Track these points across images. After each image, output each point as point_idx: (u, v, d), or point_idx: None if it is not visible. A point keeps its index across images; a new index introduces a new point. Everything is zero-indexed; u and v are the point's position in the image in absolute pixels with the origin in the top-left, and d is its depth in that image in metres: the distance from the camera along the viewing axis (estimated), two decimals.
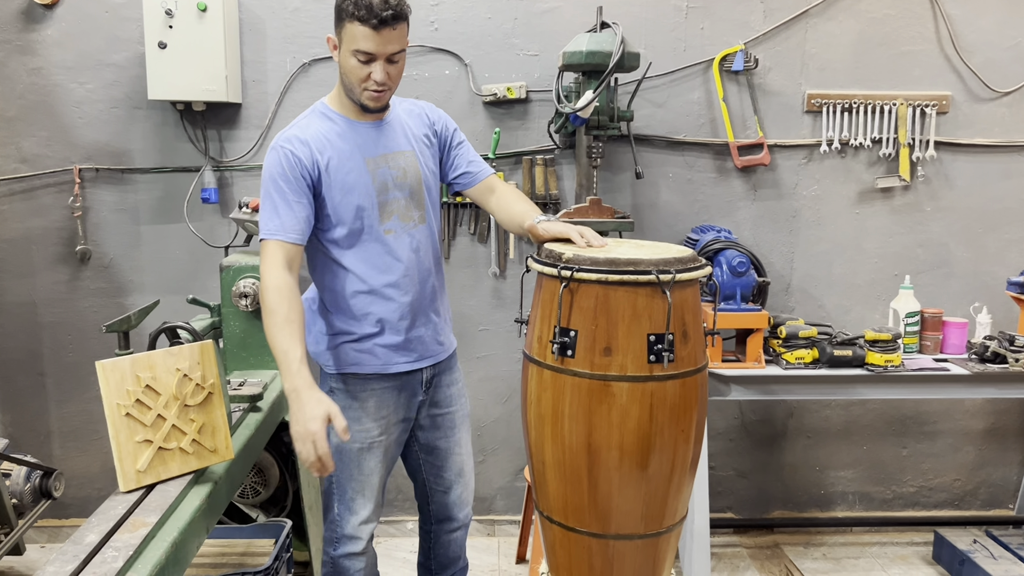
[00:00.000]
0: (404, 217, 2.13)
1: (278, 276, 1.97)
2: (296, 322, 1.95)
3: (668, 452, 1.84)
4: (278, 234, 2.00)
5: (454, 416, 2.32)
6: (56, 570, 1.53)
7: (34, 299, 3.21)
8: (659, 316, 1.79)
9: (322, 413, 1.87)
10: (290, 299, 1.96)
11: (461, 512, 2.42)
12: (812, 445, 3.43)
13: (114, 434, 1.86)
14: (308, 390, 1.89)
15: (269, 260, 1.99)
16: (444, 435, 2.32)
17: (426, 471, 2.37)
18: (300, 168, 2.02)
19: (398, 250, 2.13)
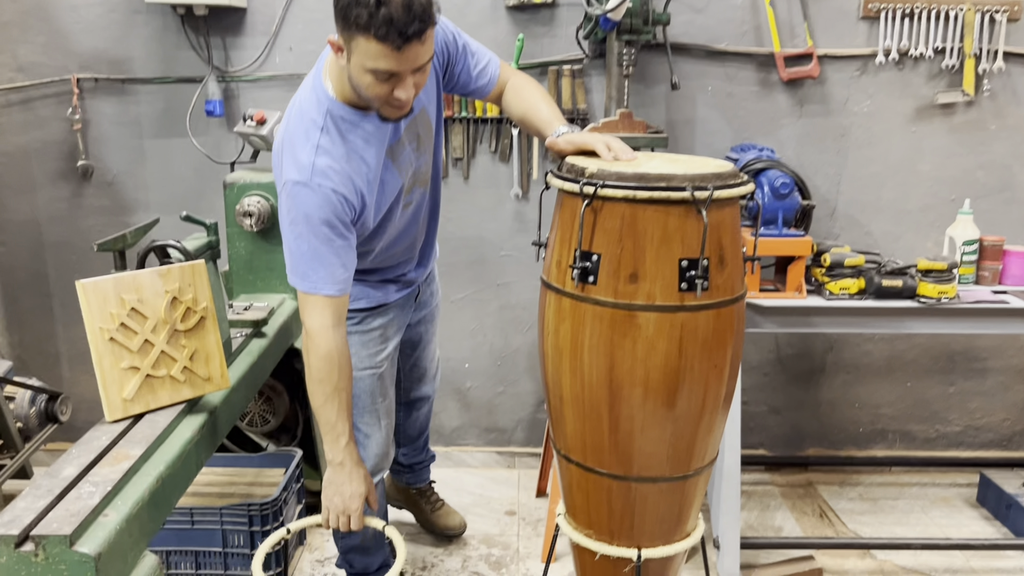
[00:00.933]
0: (421, 182, 2.01)
1: (329, 340, 1.79)
2: (346, 391, 1.84)
3: (698, 390, 1.67)
4: (326, 288, 1.78)
5: (433, 312, 2.43)
6: (27, 505, 1.41)
7: (36, 217, 3.08)
8: (693, 239, 1.59)
9: (365, 492, 1.86)
10: (340, 367, 1.81)
11: (432, 389, 2.60)
12: (851, 381, 3.24)
13: (97, 360, 1.72)
14: (356, 466, 1.86)
15: (316, 318, 1.79)
16: (425, 328, 2.41)
17: (403, 361, 2.40)
18: (346, 210, 1.77)
19: (414, 218, 2.05)
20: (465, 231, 3.08)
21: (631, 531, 1.78)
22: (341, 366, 1.81)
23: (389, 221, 1.95)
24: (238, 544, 2.46)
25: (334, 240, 1.77)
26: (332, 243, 1.76)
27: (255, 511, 2.42)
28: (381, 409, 2.17)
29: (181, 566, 2.49)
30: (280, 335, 2.48)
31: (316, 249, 1.76)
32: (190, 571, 2.49)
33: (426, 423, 2.65)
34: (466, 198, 3.05)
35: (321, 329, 1.79)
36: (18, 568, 1.34)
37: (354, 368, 2.06)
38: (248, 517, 2.42)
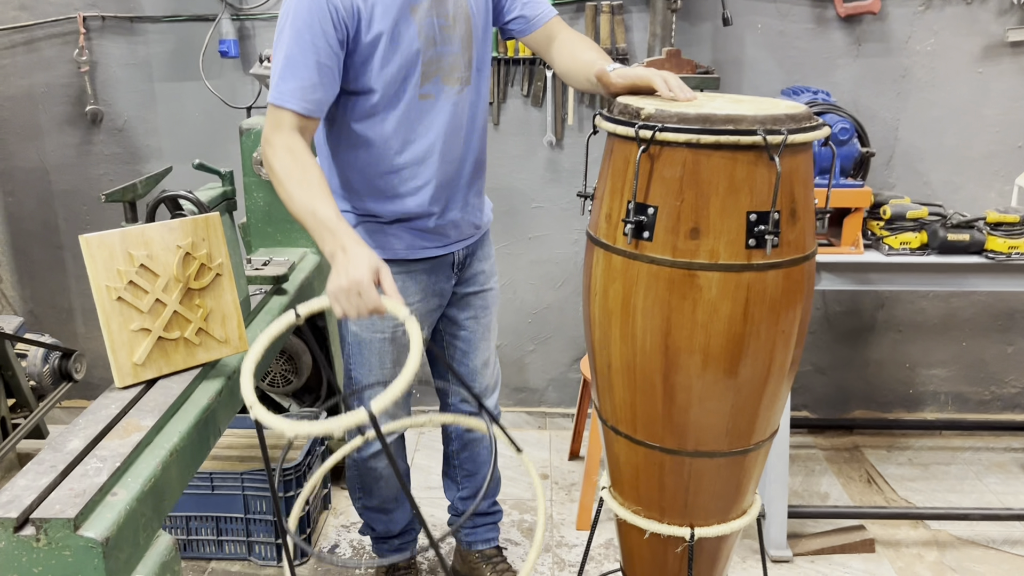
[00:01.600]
0: (447, 78, 1.76)
1: (287, 137, 1.62)
2: (316, 181, 1.59)
3: (763, 358, 1.50)
4: (293, 102, 1.61)
5: (486, 296, 2.06)
6: (28, 484, 1.29)
7: (44, 164, 2.93)
8: (763, 189, 1.41)
9: (371, 263, 1.50)
10: (303, 161, 1.62)
11: (486, 404, 2.15)
12: (903, 340, 3.06)
13: (105, 321, 1.59)
14: (356, 245, 1.53)
15: (278, 128, 1.63)
16: (474, 315, 2.06)
17: (449, 353, 2.09)
18: (335, 18, 1.61)
19: (435, 120, 1.78)
20: (495, 181, 2.89)
21: (684, 508, 1.64)
22: (304, 162, 1.60)
23: (399, 96, 1.72)
24: (260, 510, 2.35)
25: (316, 51, 1.59)
26: (313, 53, 1.59)
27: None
28: (388, 374, 1.97)
29: (202, 532, 2.39)
30: (302, 291, 2.34)
31: (292, 57, 1.60)
32: (211, 537, 2.39)
33: (489, 457, 2.18)
34: (496, 145, 2.86)
35: (280, 133, 1.62)
36: (18, 554, 1.21)
37: (363, 328, 1.93)
38: None
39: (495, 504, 2.31)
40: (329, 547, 2.49)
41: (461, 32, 1.76)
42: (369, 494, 2.13)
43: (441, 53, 1.74)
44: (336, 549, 2.49)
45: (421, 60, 1.71)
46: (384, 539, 2.21)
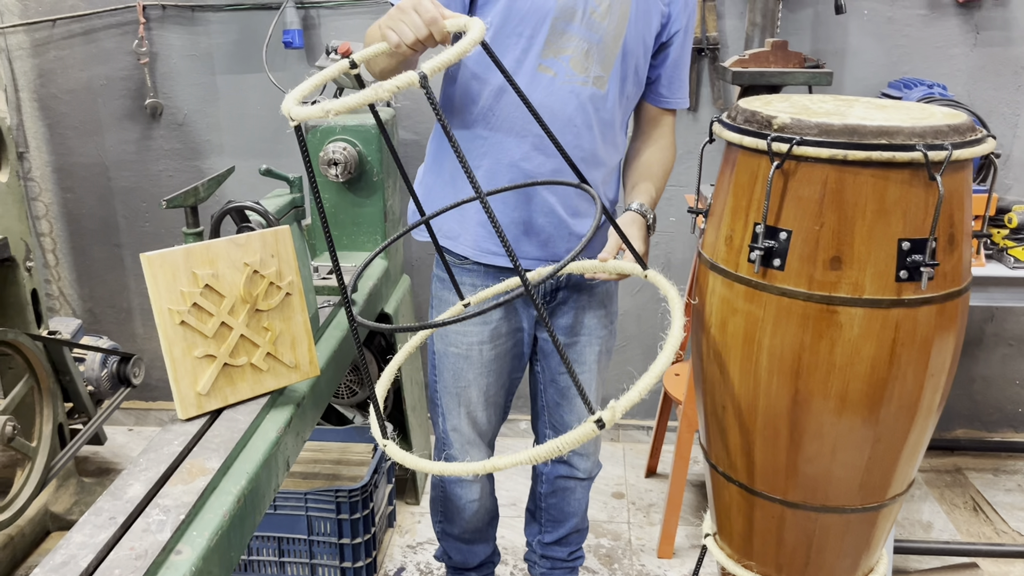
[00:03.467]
0: (576, 65, 1.56)
1: None
2: None
3: (908, 404, 1.31)
4: None
5: (585, 350, 1.82)
6: (84, 540, 1.15)
7: (104, 160, 2.83)
8: (918, 213, 1.21)
9: None
10: None
11: (582, 463, 1.97)
12: (1013, 355, 2.81)
13: (167, 348, 1.44)
14: None
15: None
16: (575, 340, 1.83)
17: (545, 399, 1.92)
18: None
19: (547, 96, 1.57)
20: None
21: (805, 567, 1.45)
22: None
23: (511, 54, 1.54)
24: (324, 532, 2.22)
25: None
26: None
27: (343, 497, 2.17)
28: (464, 395, 1.82)
29: (263, 552, 2.27)
30: (370, 300, 2.19)
31: None
32: (273, 558, 2.27)
33: (578, 510, 2.03)
34: None
35: None
36: None
37: (439, 338, 1.79)
38: (336, 504, 2.18)
39: (579, 550, 2.11)
40: (395, 571, 2.36)
41: (609, 34, 1.57)
42: (450, 521, 1.99)
43: (579, 34, 1.55)
44: (403, 573, 2.35)
45: (550, 26, 1.53)
46: (460, 570, 2.07)
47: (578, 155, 1.61)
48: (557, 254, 1.69)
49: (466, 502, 1.95)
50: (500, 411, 1.91)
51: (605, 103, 1.63)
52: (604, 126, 1.65)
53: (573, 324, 1.82)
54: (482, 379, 1.82)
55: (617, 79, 1.62)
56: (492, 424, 1.90)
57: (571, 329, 1.82)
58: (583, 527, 2.08)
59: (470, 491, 1.95)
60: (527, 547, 2.17)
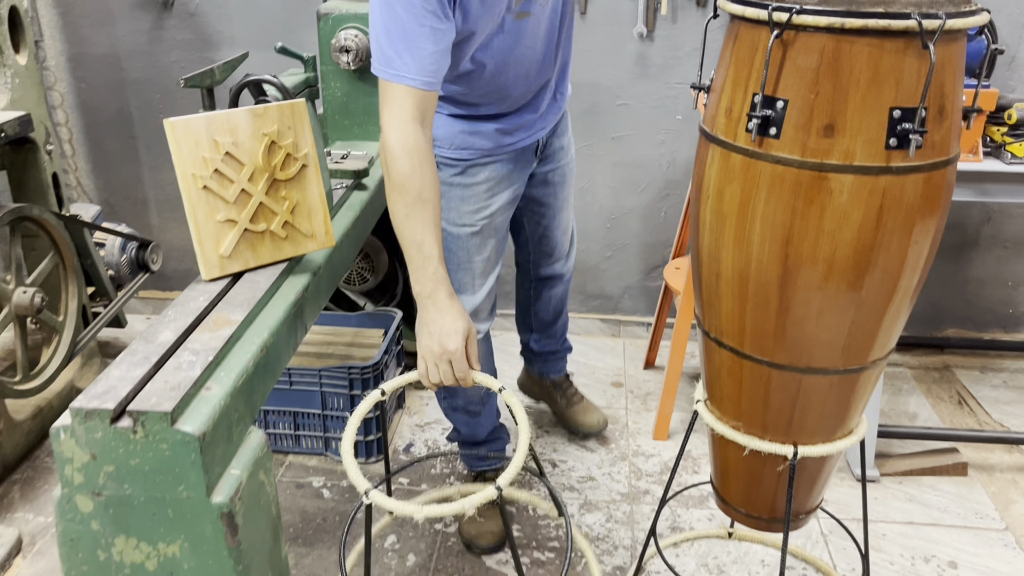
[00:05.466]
0: None
1: (408, 136, 1.50)
2: (431, 202, 1.52)
3: (892, 271, 1.38)
4: (411, 77, 1.49)
5: (564, 170, 2.10)
6: (122, 375, 1.25)
7: (116, 51, 2.86)
8: (911, 82, 1.26)
9: (464, 329, 1.52)
10: (423, 169, 1.51)
11: (564, 268, 2.32)
12: (1008, 257, 2.88)
13: (191, 211, 1.52)
14: (449, 298, 1.54)
15: (396, 112, 1.51)
16: (553, 192, 2.11)
17: (531, 229, 2.18)
18: None
19: (534, 34, 1.71)
20: (578, 75, 2.74)
21: (788, 426, 1.56)
22: (424, 171, 1.51)
23: (497, 31, 1.66)
24: (337, 407, 2.34)
25: (427, 18, 1.46)
26: (424, 22, 1.46)
27: (355, 374, 2.29)
28: (478, 267, 1.96)
29: (280, 426, 2.40)
30: (381, 187, 2.25)
31: (405, 27, 1.46)
32: (289, 431, 2.40)
33: (561, 307, 2.39)
34: (581, 37, 2.69)
35: (400, 124, 1.51)
36: (115, 445, 1.19)
37: (451, 223, 1.89)
38: (348, 380, 2.29)
39: (566, 340, 2.50)
40: (404, 446, 2.49)
41: None
42: (453, 395, 2.10)
43: None
44: (411, 448, 2.49)
45: None
46: (471, 445, 2.19)
47: (563, 56, 1.87)
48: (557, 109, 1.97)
49: None
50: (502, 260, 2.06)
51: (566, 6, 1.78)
52: (571, 18, 1.84)
53: (554, 153, 2.05)
54: (493, 249, 1.97)
55: None
56: (498, 280, 2.03)
57: (553, 158, 2.05)
58: (567, 318, 2.43)
59: None
60: (522, 346, 2.48)
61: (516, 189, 1.97)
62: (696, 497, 2.28)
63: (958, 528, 2.18)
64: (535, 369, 2.53)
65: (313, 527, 2.17)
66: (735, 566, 2.06)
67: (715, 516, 2.21)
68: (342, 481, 2.34)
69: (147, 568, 1.27)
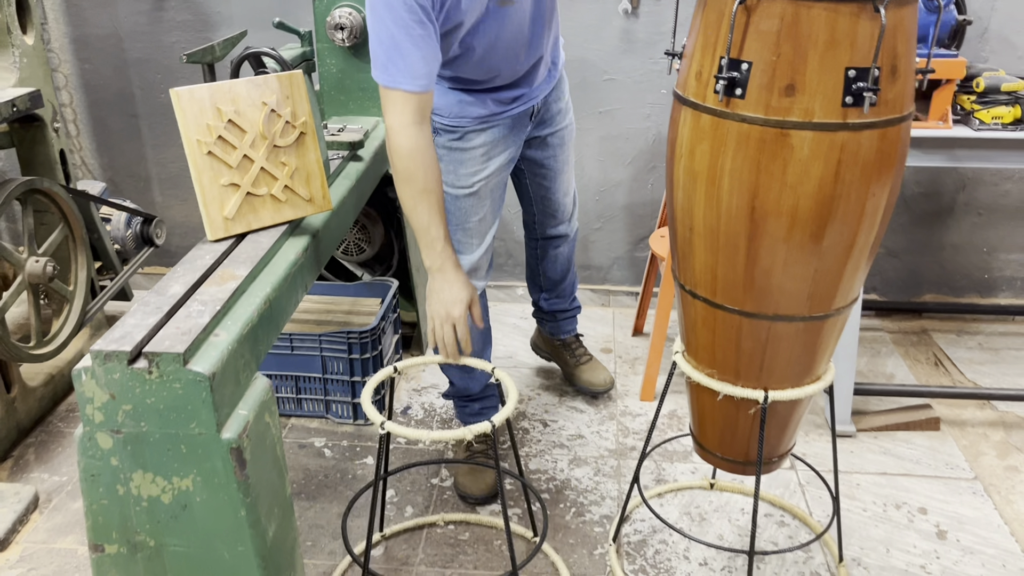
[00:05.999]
0: None
1: (410, 138, 1.70)
2: (435, 192, 1.75)
3: (851, 223, 1.48)
4: (404, 83, 1.67)
5: (563, 133, 2.20)
6: (137, 322, 1.36)
7: (118, 31, 2.95)
8: (865, 44, 1.36)
9: (467, 297, 1.80)
10: (425, 164, 1.72)
11: (568, 228, 2.41)
12: (982, 224, 2.98)
13: (196, 175, 1.62)
14: (455, 270, 1.80)
15: (396, 115, 1.70)
16: (553, 153, 2.21)
17: (533, 190, 2.28)
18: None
19: (518, 25, 1.83)
20: (566, 51, 2.81)
21: (759, 372, 1.66)
22: (426, 165, 1.73)
23: (483, 17, 1.76)
24: (337, 371, 2.45)
25: (413, 28, 1.63)
26: (411, 32, 1.63)
27: (354, 339, 2.39)
28: (474, 227, 2.07)
29: (282, 390, 2.50)
30: (376, 159, 2.35)
31: (394, 37, 1.64)
32: (291, 395, 2.51)
33: (568, 265, 2.48)
34: (567, 13, 2.78)
35: (401, 127, 1.70)
36: (132, 385, 1.29)
37: (449, 185, 2.01)
38: (347, 344, 2.40)
39: (575, 300, 2.59)
40: (402, 409, 2.60)
41: None
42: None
43: None
44: (408, 411, 2.59)
45: None
46: (464, 399, 2.29)
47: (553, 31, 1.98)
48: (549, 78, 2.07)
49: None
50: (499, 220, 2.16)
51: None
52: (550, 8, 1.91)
53: (552, 117, 2.16)
54: (489, 209, 2.08)
55: None
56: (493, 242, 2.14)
57: (551, 121, 2.16)
58: (575, 277, 2.53)
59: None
60: (533, 306, 2.57)
61: (511, 153, 2.07)
62: (680, 452, 2.39)
63: (929, 478, 2.29)
64: (546, 328, 2.62)
65: (316, 483, 2.28)
66: (716, 514, 2.17)
67: (698, 469, 2.32)
68: (342, 441, 2.44)
69: (163, 501, 1.38)
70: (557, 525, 2.13)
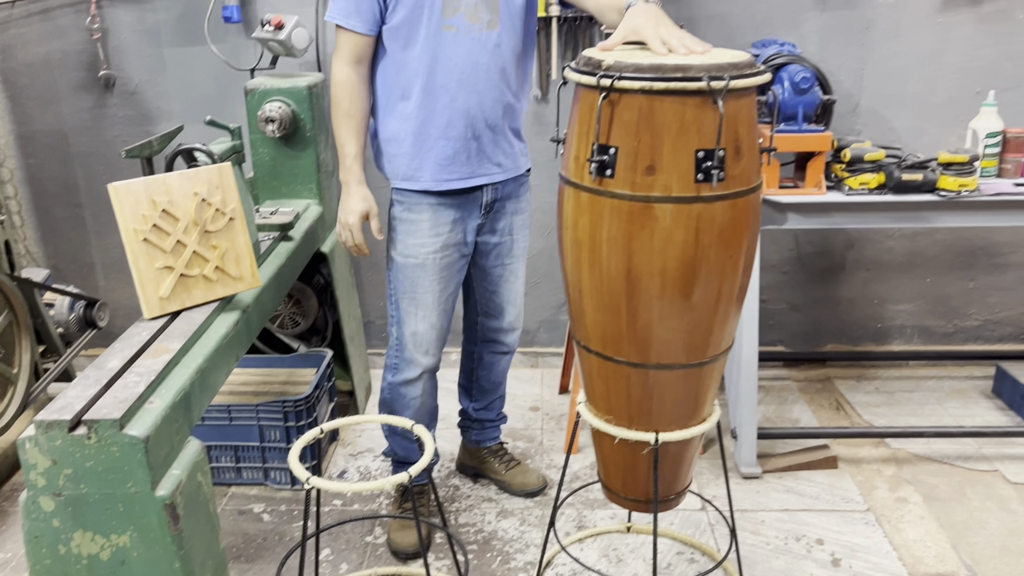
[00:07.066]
0: (471, 16, 2.03)
1: (343, 70, 2.08)
2: (356, 117, 2.10)
3: (714, 280, 1.71)
4: (342, 18, 2.04)
5: (513, 245, 2.35)
6: (77, 394, 1.51)
7: (63, 128, 3.12)
8: (709, 129, 1.60)
9: (361, 209, 2.13)
10: (352, 93, 2.08)
11: (508, 338, 2.49)
12: (871, 278, 3.26)
13: (133, 260, 1.79)
14: (356, 185, 2.13)
15: (338, 53, 2.08)
16: (500, 263, 2.35)
17: (478, 293, 2.40)
18: None
19: (456, 50, 2.04)
20: None
21: (649, 416, 1.85)
22: (352, 96, 2.08)
23: (424, 21, 2.00)
24: (275, 439, 2.58)
25: None
26: None
27: (289, 407, 2.53)
28: (421, 298, 2.22)
29: (222, 460, 2.62)
30: (307, 239, 2.54)
31: None
32: (231, 464, 2.63)
33: (502, 379, 2.57)
34: None
35: (337, 63, 2.08)
36: (72, 450, 1.44)
37: (399, 253, 2.20)
38: (283, 413, 2.54)
39: (501, 412, 2.68)
40: (339, 473, 2.73)
41: None
42: (393, 431, 2.37)
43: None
44: (344, 474, 2.73)
45: None
46: (405, 464, 2.44)
47: (496, 96, 2.11)
48: (502, 160, 2.20)
49: (410, 399, 2.33)
50: (449, 316, 2.31)
51: (501, 39, 2.07)
52: (505, 60, 2.09)
53: (507, 226, 2.31)
54: (436, 285, 2.23)
55: (506, 16, 2.07)
56: (444, 328, 2.30)
57: (505, 230, 2.31)
58: (504, 392, 2.63)
59: (414, 389, 2.32)
60: (460, 415, 2.65)
61: (460, 235, 2.20)
62: (600, 500, 2.56)
63: (827, 511, 2.49)
64: (471, 438, 2.65)
65: (255, 546, 2.39)
66: (632, 555, 2.33)
67: (617, 515, 2.49)
68: (281, 506, 2.56)
69: (101, 559, 1.51)
70: (484, 573, 2.27)
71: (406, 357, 2.28)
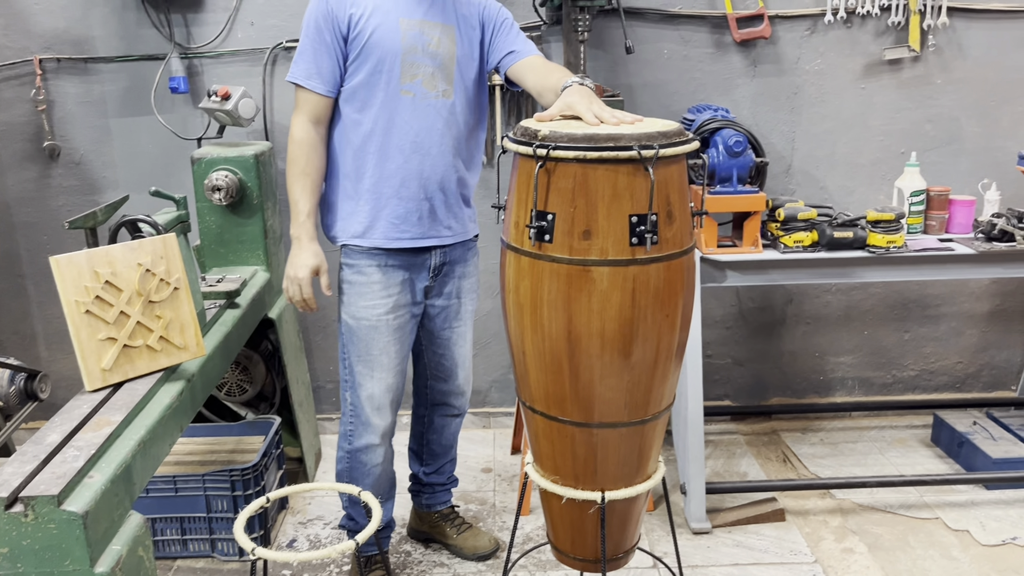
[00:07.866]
0: (428, 84, 2.11)
1: (301, 129, 2.12)
2: (312, 176, 2.14)
3: (652, 340, 1.76)
4: (303, 79, 2.10)
5: (460, 308, 2.39)
6: (14, 470, 1.48)
7: (5, 199, 3.10)
8: (641, 196, 1.67)
9: (313, 263, 2.15)
10: (309, 152, 2.12)
11: (458, 400, 2.50)
12: (811, 332, 3.36)
13: (75, 332, 1.79)
14: (308, 241, 2.15)
15: (297, 113, 2.13)
16: (448, 325, 2.37)
17: (428, 356, 2.43)
18: (332, 18, 2.06)
19: (413, 114, 2.12)
20: None
21: (594, 475, 1.88)
22: (309, 155, 2.12)
23: (382, 84, 2.07)
24: (222, 509, 2.54)
25: (320, 39, 2.07)
26: (317, 42, 2.07)
27: (237, 476, 2.50)
28: (375, 360, 2.23)
29: (167, 532, 2.57)
30: (253, 305, 2.55)
31: (304, 46, 2.10)
32: (176, 536, 2.57)
33: (452, 443, 2.58)
34: None
35: (296, 121, 2.13)
36: (9, 528, 1.41)
37: (350, 316, 2.22)
38: (230, 482, 2.50)
39: (452, 475, 2.67)
40: (288, 542, 2.69)
41: (444, 57, 2.12)
42: (354, 502, 2.35)
43: (423, 62, 2.10)
44: (294, 543, 2.68)
45: (401, 59, 2.07)
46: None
47: (449, 161, 2.18)
48: (452, 224, 2.26)
49: (371, 467, 2.32)
50: (403, 378, 2.32)
51: (455, 108, 2.16)
52: (458, 128, 2.19)
53: (454, 289, 2.35)
54: (391, 346, 2.24)
55: (460, 88, 2.16)
56: (399, 389, 2.31)
57: (453, 293, 2.35)
58: (455, 455, 2.62)
59: (375, 456, 2.32)
60: (411, 480, 2.63)
61: (409, 296, 2.24)
62: (552, 561, 2.56)
63: (776, 565, 2.52)
64: (422, 502, 2.64)
65: None
66: None
67: (568, 575, 2.48)
68: None
69: None
70: None
71: (363, 420, 2.28)
